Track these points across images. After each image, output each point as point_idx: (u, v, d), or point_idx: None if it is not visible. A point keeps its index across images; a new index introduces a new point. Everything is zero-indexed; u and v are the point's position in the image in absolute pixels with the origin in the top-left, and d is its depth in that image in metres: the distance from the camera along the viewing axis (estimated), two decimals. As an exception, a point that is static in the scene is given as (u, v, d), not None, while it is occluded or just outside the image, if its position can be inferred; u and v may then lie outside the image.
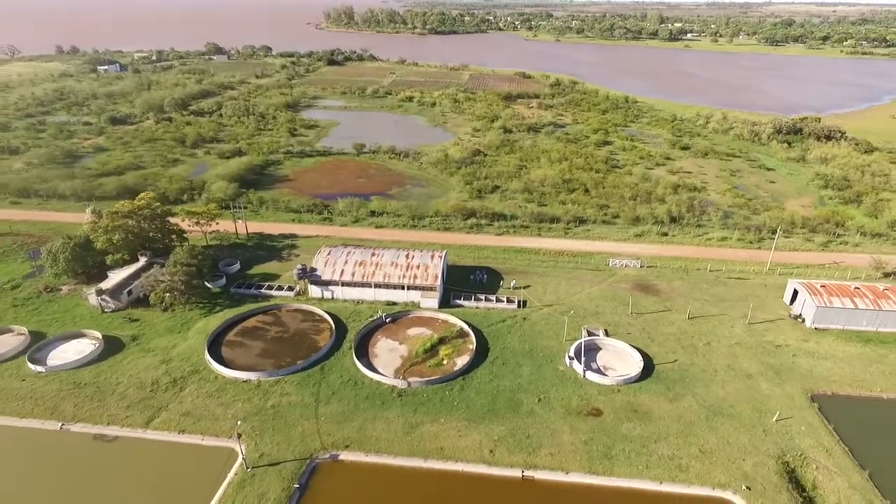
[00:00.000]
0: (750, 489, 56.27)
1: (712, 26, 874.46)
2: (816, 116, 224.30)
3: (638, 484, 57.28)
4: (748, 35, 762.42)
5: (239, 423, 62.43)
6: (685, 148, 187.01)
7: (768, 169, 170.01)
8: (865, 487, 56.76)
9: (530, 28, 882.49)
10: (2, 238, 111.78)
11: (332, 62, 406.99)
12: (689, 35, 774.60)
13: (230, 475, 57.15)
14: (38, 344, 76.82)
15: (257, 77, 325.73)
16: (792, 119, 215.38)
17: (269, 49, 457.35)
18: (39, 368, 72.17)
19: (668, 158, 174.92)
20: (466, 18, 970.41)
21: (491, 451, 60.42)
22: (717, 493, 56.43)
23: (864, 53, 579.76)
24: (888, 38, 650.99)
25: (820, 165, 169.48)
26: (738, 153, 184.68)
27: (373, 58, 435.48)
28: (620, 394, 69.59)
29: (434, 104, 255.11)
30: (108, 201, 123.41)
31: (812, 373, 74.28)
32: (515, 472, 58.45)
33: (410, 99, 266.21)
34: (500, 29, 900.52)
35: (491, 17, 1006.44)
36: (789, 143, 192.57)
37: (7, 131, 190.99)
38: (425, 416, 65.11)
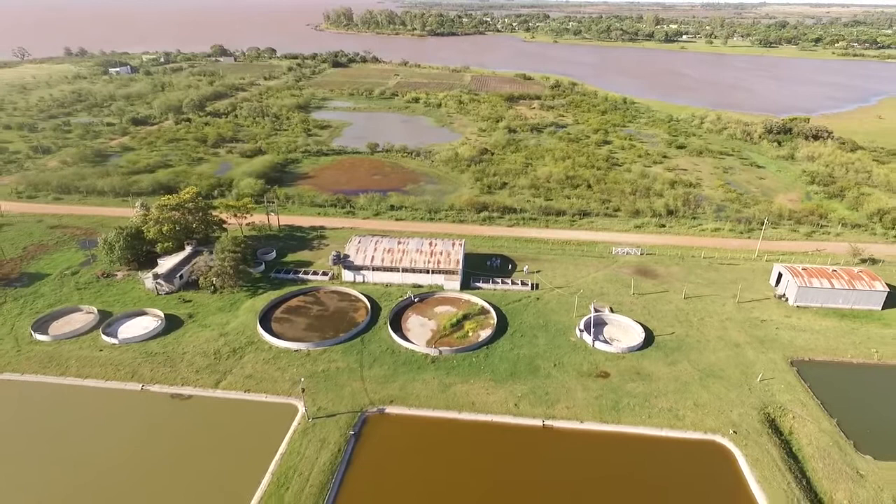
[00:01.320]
0: (736, 433, 66.46)
1: (707, 28, 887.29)
2: (806, 117, 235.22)
3: (642, 430, 67.41)
4: (742, 37, 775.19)
5: (302, 378, 72.32)
6: (681, 147, 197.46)
7: (759, 166, 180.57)
8: (833, 432, 67.01)
9: (528, 29, 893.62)
10: (53, 230, 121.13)
11: (336, 64, 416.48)
12: (684, 37, 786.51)
13: (294, 425, 66.96)
14: (108, 320, 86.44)
15: (266, 79, 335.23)
16: (782, 119, 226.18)
17: (274, 51, 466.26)
18: (113, 340, 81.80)
19: (665, 157, 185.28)
20: (465, 20, 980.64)
21: (516, 405, 70.47)
22: (709, 436, 66.61)
23: (855, 55, 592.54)
24: (878, 39, 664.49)
25: (807, 163, 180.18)
26: (731, 152, 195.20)
27: (376, 60, 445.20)
28: (625, 360, 79.73)
29: (440, 105, 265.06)
30: (144, 197, 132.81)
31: (792, 342, 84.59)
32: (537, 422, 68.47)
33: (417, 100, 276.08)
34: (499, 30, 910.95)
35: (489, 19, 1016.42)
36: (779, 143, 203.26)
37: (35, 132, 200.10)
38: (457, 378, 75.10)
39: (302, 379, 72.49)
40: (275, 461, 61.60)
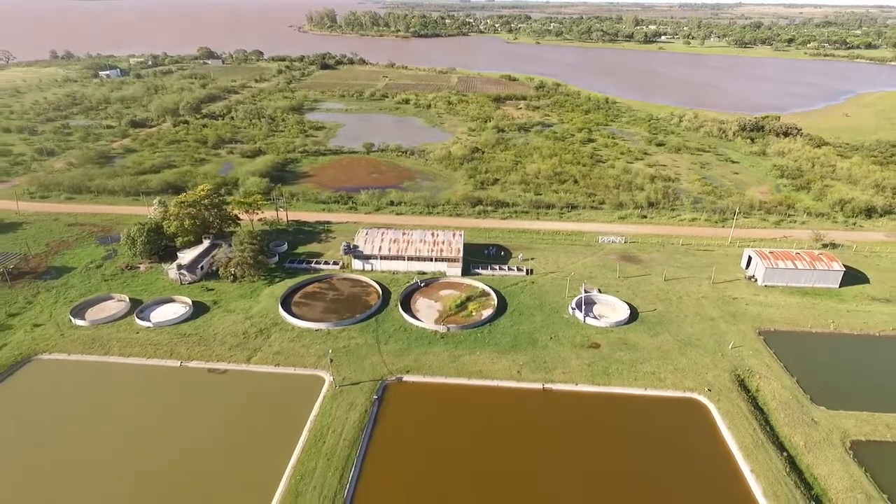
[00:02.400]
0: (710, 391, 76.35)
1: (685, 28, 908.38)
2: (777, 115, 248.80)
3: (629, 390, 76.98)
4: (719, 37, 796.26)
5: (330, 350, 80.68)
6: (660, 144, 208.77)
7: (733, 162, 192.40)
8: (793, 388, 77.25)
9: (511, 31, 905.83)
10: (71, 228, 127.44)
11: (324, 66, 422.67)
12: (663, 38, 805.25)
13: (323, 392, 75.31)
14: (140, 307, 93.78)
15: (257, 81, 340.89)
16: (755, 118, 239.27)
17: (261, 53, 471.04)
18: (148, 324, 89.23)
19: (646, 153, 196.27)
20: (448, 21, 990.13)
21: (518, 372, 79.62)
22: (687, 394, 76.42)
23: (825, 55, 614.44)
24: (848, 40, 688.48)
25: (778, 158, 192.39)
26: (708, 148, 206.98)
27: (363, 61, 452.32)
28: (613, 333, 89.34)
29: (429, 106, 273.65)
30: (157, 195, 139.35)
31: (760, 316, 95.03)
32: (537, 385, 77.68)
33: (407, 101, 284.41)
34: (482, 31, 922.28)
35: (472, 20, 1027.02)
36: (752, 139, 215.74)
37: (36, 135, 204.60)
38: (464, 351, 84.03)
39: (330, 350, 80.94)
40: (310, 421, 69.91)
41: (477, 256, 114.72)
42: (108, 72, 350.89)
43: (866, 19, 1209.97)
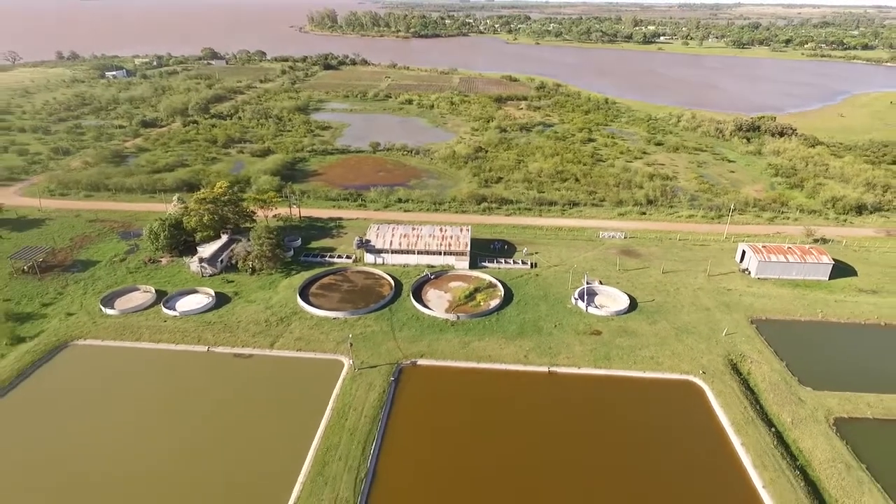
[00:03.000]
0: (705, 373, 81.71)
1: (683, 29, 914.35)
2: (773, 115, 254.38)
3: (629, 373, 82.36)
4: (717, 38, 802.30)
5: (350, 335, 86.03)
6: (659, 144, 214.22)
7: (730, 161, 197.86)
8: (782, 371, 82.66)
9: (510, 31, 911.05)
10: (92, 223, 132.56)
11: (327, 66, 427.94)
12: (661, 38, 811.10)
13: (343, 374, 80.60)
14: (165, 297, 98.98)
15: (262, 82, 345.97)
16: (752, 118, 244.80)
17: (264, 54, 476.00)
18: (174, 313, 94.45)
19: (645, 153, 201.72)
20: (447, 21, 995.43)
21: (525, 356, 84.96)
22: (683, 377, 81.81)
23: (822, 56, 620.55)
24: (845, 41, 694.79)
25: (773, 157, 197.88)
26: (705, 148, 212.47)
27: (365, 62, 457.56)
28: (614, 321, 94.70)
29: (432, 106, 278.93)
30: (178, 193, 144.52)
31: (752, 306, 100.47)
32: (543, 369, 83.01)
33: (410, 102, 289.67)
34: (481, 32, 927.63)
35: (471, 21, 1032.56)
36: (748, 139, 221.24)
37: (49, 134, 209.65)
38: (474, 337, 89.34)
39: (350, 335, 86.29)
40: (332, 400, 75.20)
41: (483, 251, 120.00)
42: (114, 72, 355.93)
43: (864, 20, 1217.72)
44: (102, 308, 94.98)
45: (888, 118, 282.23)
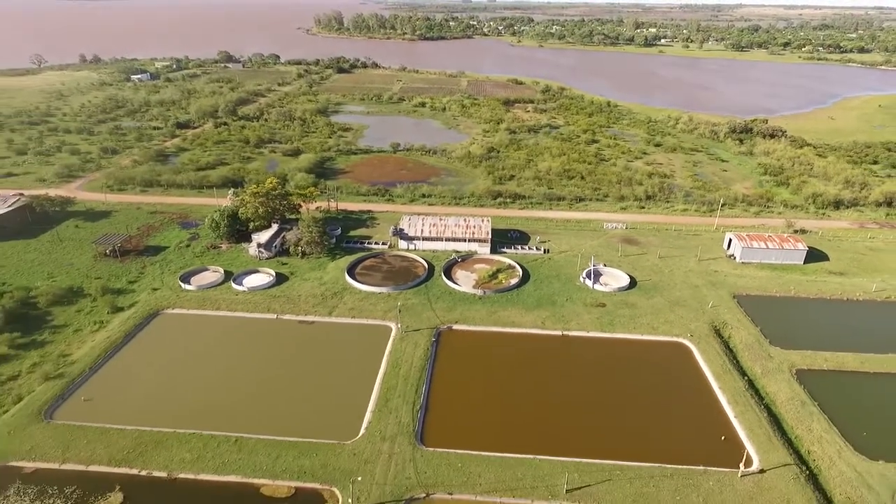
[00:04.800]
0: (692, 336, 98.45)
1: (684, 31, 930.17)
2: (765, 118, 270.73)
3: (629, 336, 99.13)
4: (717, 41, 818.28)
5: (399, 303, 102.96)
6: (658, 145, 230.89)
7: (723, 161, 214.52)
8: (756, 335, 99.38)
9: (514, 34, 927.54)
10: (153, 215, 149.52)
11: (340, 70, 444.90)
12: (662, 41, 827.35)
13: (392, 335, 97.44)
14: (233, 276, 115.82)
15: (280, 85, 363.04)
16: (745, 120, 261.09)
17: (278, 57, 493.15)
18: (242, 288, 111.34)
19: (645, 153, 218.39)
20: (452, 23, 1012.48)
21: (542, 323, 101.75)
22: (675, 339, 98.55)
23: (819, 59, 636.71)
24: (842, 44, 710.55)
25: (763, 158, 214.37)
26: (700, 149, 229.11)
27: (376, 65, 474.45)
28: (616, 296, 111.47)
29: (444, 109, 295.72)
30: (215, 188, 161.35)
31: (736, 284, 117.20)
32: (557, 332, 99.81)
33: (423, 104, 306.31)
34: (485, 34, 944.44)
35: (475, 23, 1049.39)
36: (741, 141, 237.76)
37: (93, 135, 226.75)
38: (499, 308, 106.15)
39: (399, 303, 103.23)
40: (386, 355, 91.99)
41: (502, 238, 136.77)
42: (139, 76, 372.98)
43: (863, 22, 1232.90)
44: (182, 284, 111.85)
45: (875, 120, 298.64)
